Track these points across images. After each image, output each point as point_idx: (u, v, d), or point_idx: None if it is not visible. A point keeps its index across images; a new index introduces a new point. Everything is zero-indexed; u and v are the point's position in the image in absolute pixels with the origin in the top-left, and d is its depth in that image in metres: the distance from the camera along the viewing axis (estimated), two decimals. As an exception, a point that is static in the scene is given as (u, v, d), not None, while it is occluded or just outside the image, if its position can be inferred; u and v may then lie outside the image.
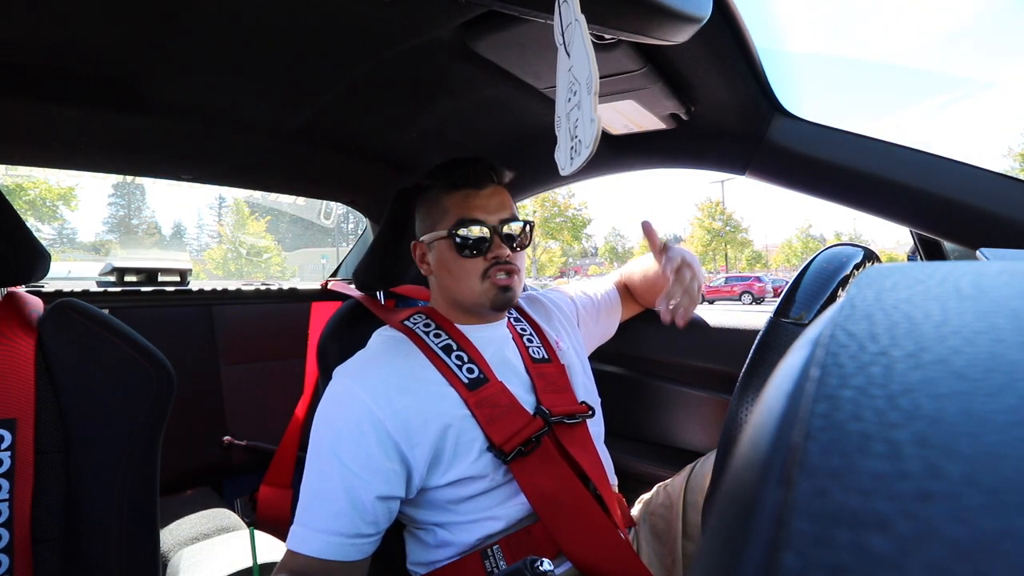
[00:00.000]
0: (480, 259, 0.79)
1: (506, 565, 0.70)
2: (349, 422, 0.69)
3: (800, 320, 0.62)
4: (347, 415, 0.70)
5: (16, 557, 0.63)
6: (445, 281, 0.83)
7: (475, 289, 0.80)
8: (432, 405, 0.72)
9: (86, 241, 42.92)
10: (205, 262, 30.67)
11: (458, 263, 0.80)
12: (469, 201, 0.80)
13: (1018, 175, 0.74)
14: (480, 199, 0.81)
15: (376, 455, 0.68)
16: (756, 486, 0.13)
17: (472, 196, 0.80)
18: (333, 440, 0.69)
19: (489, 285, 0.79)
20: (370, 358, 0.78)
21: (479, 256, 0.79)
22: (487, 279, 0.79)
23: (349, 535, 0.66)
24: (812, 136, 0.84)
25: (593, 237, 47.80)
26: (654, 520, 0.91)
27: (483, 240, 0.79)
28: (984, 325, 0.14)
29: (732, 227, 31.41)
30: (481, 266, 0.79)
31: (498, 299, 0.80)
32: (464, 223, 0.79)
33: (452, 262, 0.81)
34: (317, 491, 0.68)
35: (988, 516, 0.10)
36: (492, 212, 0.80)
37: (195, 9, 0.67)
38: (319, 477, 0.69)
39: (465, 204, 0.80)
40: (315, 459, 0.70)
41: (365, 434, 0.68)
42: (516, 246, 0.82)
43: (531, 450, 0.73)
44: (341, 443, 0.68)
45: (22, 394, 0.66)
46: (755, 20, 0.71)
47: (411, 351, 0.79)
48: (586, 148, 0.45)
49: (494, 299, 0.80)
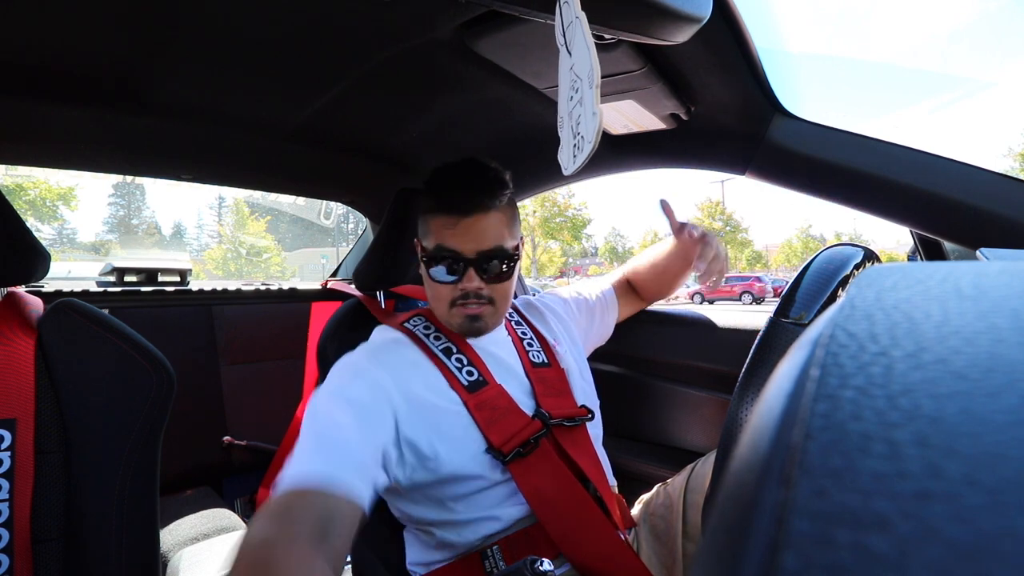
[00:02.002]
0: (450, 287, 0.78)
1: (505, 566, 0.70)
2: (363, 378, 0.70)
3: (800, 320, 0.62)
4: (360, 374, 0.71)
5: (16, 557, 0.63)
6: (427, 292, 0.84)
7: (444, 313, 0.80)
8: (432, 397, 0.73)
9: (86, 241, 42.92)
10: (205, 262, 30.67)
11: (431, 284, 0.80)
12: (449, 229, 0.77)
13: (1018, 175, 0.74)
14: (461, 228, 0.77)
15: (385, 412, 0.69)
16: (756, 486, 0.13)
17: (453, 224, 0.77)
18: (342, 387, 0.69)
19: (456, 312, 0.79)
20: (375, 347, 0.79)
21: (449, 284, 0.78)
22: (455, 306, 0.79)
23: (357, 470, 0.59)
24: (812, 136, 0.84)
25: (593, 237, 47.82)
26: (654, 520, 0.91)
27: (455, 271, 0.77)
28: (984, 325, 0.14)
29: (732, 227, 31.41)
30: (451, 294, 0.78)
31: (465, 327, 0.80)
32: (440, 250, 0.77)
33: (427, 281, 0.81)
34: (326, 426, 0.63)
35: (988, 516, 0.10)
36: (472, 242, 0.77)
37: (195, 9, 0.67)
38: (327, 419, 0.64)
39: (445, 231, 0.77)
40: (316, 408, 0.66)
41: (375, 391, 0.69)
42: (494, 279, 0.79)
43: (529, 451, 0.73)
44: (350, 387, 0.68)
45: (22, 394, 0.66)
46: (755, 20, 0.71)
47: (412, 349, 0.79)
48: (588, 143, 0.45)
49: (461, 326, 0.80)
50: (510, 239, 0.80)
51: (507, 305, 0.83)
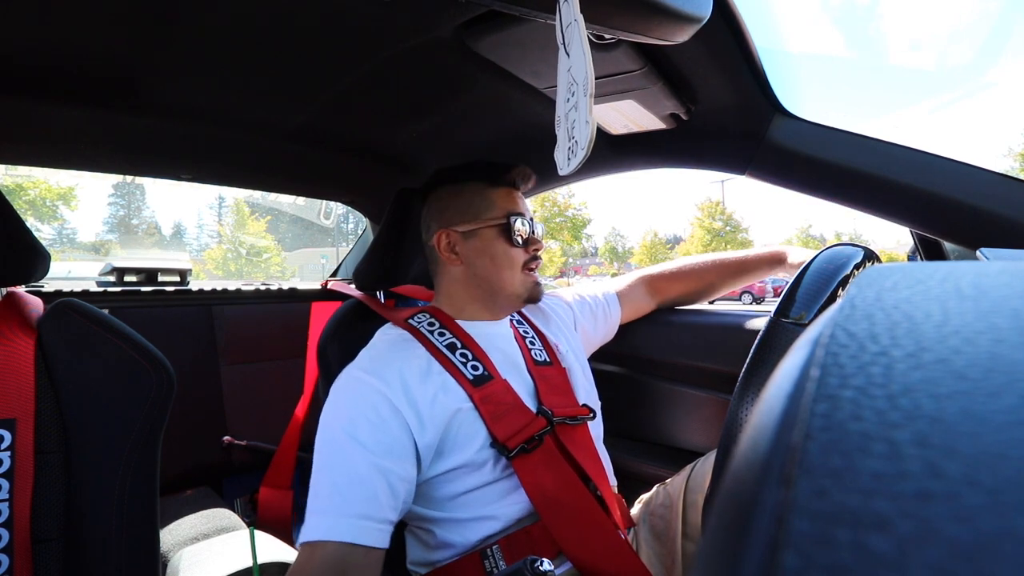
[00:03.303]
0: (523, 250, 0.85)
1: (506, 565, 0.70)
2: (365, 407, 0.70)
3: (800, 320, 0.62)
4: (362, 402, 0.70)
5: (16, 557, 0.62)
6: (483, 270, 0.85)
7: (516, 278, 0.85)
8: (440, 396, 0.73)
9: (86, 241, 42.90)
10: (205, 262, 30.65)
11: (506, 252, 0.84)
12: (513, 197, 0.87)
13: (1018, 175, 0.74)
14: (519, 199, 0.88)
15: (397, 435, 0.69)
16: (756, 486, 0.13)
17: (514, 194, 0.88)
18: (349, 426, 0.68)
19: (525, 277, 0.86)
20: (377, 354, 0.79)
21: (523, 247, 0.85)
22: (525, 270, 0.86)
23: (377, 519, 0.63)
24: (812, 136, 0.84)
25: (593, 237, 47.85)
26: (654, 520, 0.91)
27: (529, 233, 0.86)
28: (984, 325, 0.14)
29: (732, 227, 31.39)
30: (523, 257, 0.85)
31: (534, 291, 0.87)
32: (515, 216, 0.85)
33: (499, 250, 0.84)
34: (338, 477, 0.65)
35: (988, 516, 0.10)
36: (527, 211, 0.88)
37: (195, 9, 0.67)
38: (339, 464, 0.66)
39: (511, 200, 0.87)
40: (330, 449, 0.68)
41: (384, 418, 0.69)
42: None
43: (533, 448, 0.73)
44: (358, 428, 0.68)
45: (22, 394, 0.66)
46: (755, 20, 0.71)
47: (416, 348, 0.79)
48: (581, 150, 0.45)
49: (531, 290, 0.86)
50: None
51: None
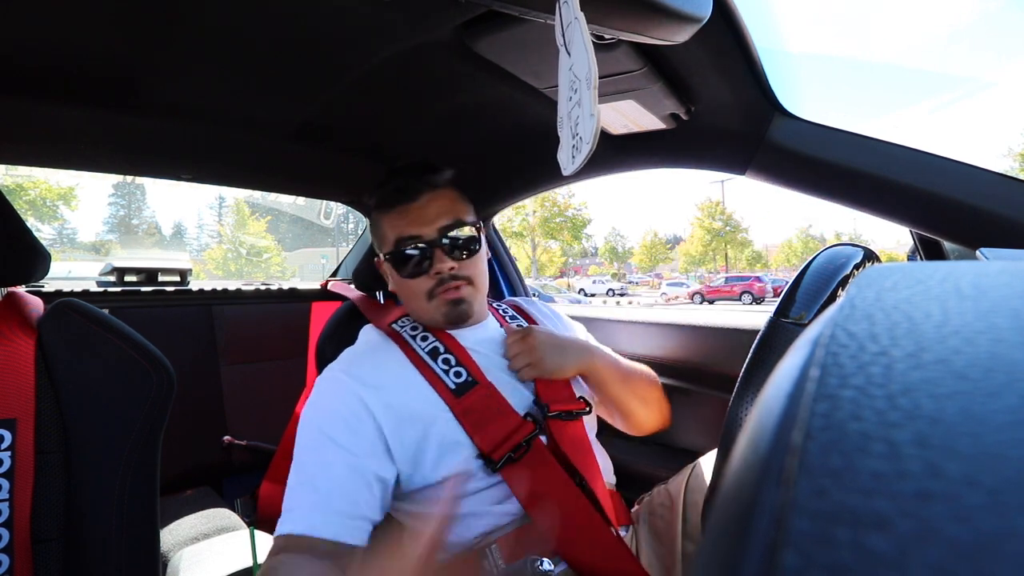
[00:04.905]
0: (424, 277, 0.77)
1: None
2: (342, 407, 0.70)
3: (800, 320, 0.62)
4: (339, 402, 0.70)
5: (16, 557, 0.62)
6: (402, 299, 0.83)
7: (426, 308, 0.79)
8: (417, 405, 0.72)
9: (86, 241, 42.94)
10: (205, 262, 30.68)
11: (404, 284, 0.79)
12: (403, 217, 0.77)
13: (1018, 175, 0.74)
14: (413, 212, 0.77)
15: (371, 437, 0.68)
16: (756, 486, 0.13)
17: (405, 211, 0.77)
18: (327, 425, 0.68)
19: (438, 302, 0.77)
20: (357, 355, 0.79)
21: (422, 275, 0.77)
22: (435, 297, 0.77)
23: (352, 515, 0.63)
24: (812, 136, 0.84)
25: (593, 237, 47.88)
26: (654, 520, 0.91)
27: (422, 256, 0.76)
28: (984, 325, 0.14)
29: (732, 227, 31.41)
30: (426, 284, 0.77)
31: (451, 314, 0.78)
32: (400, 242, 0.76)
33: (399, 283, 0.80)
34: (314, 473, 0.65)
35: (988, 516, 0.10)
36: (429, 222, 0.76)
37: (195, 9, 0.67)
38: (314, 461, 0.66)
39: (399, 221, 0.77)
40: (307, 445, 0.68)
41: (360, 419, 0.69)
42: (463, 254, 0.78)
43: (521, 455, 0.72)
44: (335, 427, 0.68)
45: (22, 394, 0.66)
46: (755, 20, 0.71)
47: (396, 354, 0.78)
48: (586, 144, 0.45)
49: (447, 315, 0.78)
50: (468, 215, 0.80)
51: (486, 285, 0.83)
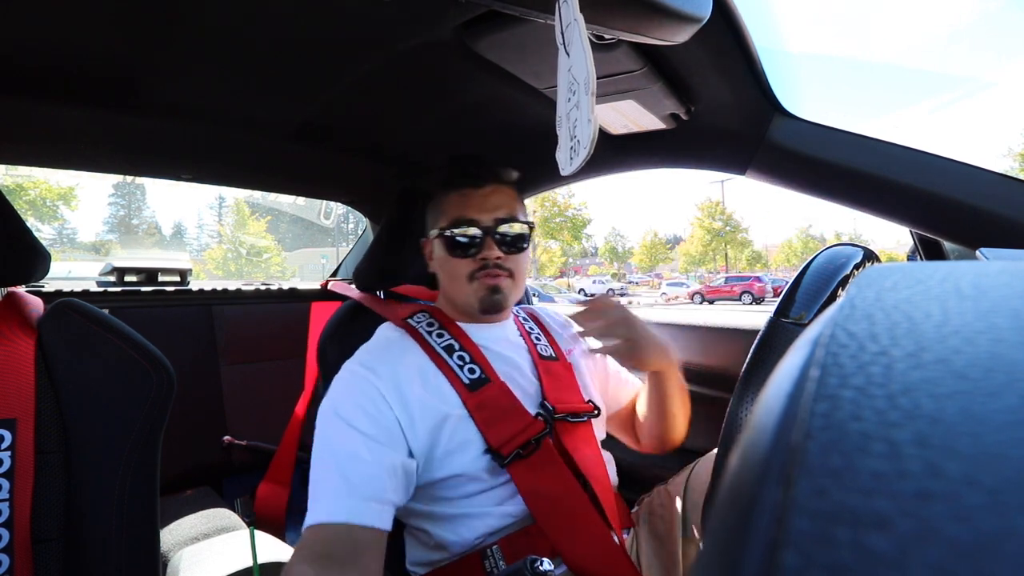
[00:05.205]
0: (469, 260, 0.79)
1: (505, 565, 0.70)
2: (363, 398, 0.70)
3: (800, 320, 0.62)
4: (360, 394, 0.71)
5: (16, 557, 0.62)
6: (442, 280, 0.85)
7: (464, 289, 0.80)
8: (432, 400, 0.73)
9: (86, 241, 42.95)
10: (205, 262, 30.67)
11: (449, 263, 0.81)
12: (465, 200, 0.80)
13: (1018, 175, 0.74)
14: (476, 198, 0.80)
15: (391, 427, 0.69)
16: (756, 486, 0.13)
17: (469, 195, 0.80)
18: (349, 415, 0.69)
19: (477, 286, 0.79)
20: (375, 350, 0.79)
21: (468, 257, 0.79)
22: (475, 280, 0.79)
23: (382, 500, 0.63)
24: (812, 136, 0.84)
25: (593, 237, 47.90)
26: (654, 520, 0.91)
27: (473, 240, 0.79)
28: (984, 325, 0.14)
29: (732, 227, 31.41)
30: (470, 267, 0.79)
31: (486, 300, 0.79)
32: (457, 223, 0.79)
33: (445, 261, 0.82)
34: (341, 462, 0.65)
35: (988, 516, 0.10)
36: (488, 211, 0.79)
37: (195, 9, 0.67)
38: (339, 451, 0.66)
39: (461, 203, 0.80)
40: (330, 436, 0.68)
41: (380, 409, 0.70)
42: (511, 248, 0.80)
43: (530, 453, 0.73)
44: (356, 416, 0.68)
45: (22, 394, 0.66)
46: (755, 20, 0.71)
47: (413, 349, 0.79)
48: (584, 148, 0.45)
49: (482, 300, 0.80)
50: (523, 215, 0.83)
51: (523, 282, 0.85)
